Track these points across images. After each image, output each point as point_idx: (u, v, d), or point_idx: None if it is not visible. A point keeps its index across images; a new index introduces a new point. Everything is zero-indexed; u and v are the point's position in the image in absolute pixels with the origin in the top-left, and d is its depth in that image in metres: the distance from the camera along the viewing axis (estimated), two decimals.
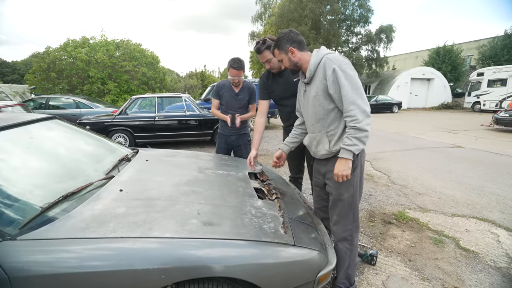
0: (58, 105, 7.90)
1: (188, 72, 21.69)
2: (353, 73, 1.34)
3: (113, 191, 1.39)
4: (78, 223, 1.10)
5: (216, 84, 2.70)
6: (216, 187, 1.63)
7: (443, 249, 2.18)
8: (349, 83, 1.31)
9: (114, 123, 5.66)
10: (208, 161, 2.22)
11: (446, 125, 9.92)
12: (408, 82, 19.49)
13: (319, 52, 1.44)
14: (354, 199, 1.49)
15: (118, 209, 1.23)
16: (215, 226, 1.20)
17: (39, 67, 12.02)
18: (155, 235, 1.08)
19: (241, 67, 2.44)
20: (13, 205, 1.15)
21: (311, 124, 1.54)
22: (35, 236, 1.02)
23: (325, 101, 1.42)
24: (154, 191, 1.46)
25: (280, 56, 1.49)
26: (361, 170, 1.50)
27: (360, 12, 19.57)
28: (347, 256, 1.54)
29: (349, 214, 1.51)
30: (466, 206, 3.01)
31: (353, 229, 1.53)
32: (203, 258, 1.06)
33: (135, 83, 13.10)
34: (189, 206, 1.34)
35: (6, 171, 1.32)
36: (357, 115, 1.30)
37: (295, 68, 1.50)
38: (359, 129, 1.31)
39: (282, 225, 1.30)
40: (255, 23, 24.93)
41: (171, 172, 1.81)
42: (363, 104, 1.32)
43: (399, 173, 4.20)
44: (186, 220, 1.21)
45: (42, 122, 1.85)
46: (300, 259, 1.20)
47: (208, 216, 1.26)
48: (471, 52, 23.96)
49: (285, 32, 1.48)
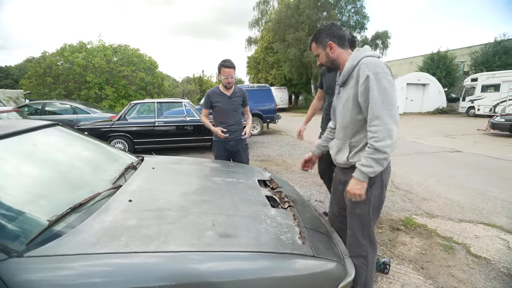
0: (55, 110, 7.78)
1: (185, 77, 21.68)
2: (388, 84, 1.19)
3: (122, 201, 1.33)
4: (88, 238, 1.04)
5: (206, 94, 2.66)
6: (226, 196, 1.58)
7: (454, 256, 2.15)
8: (380, 94, 1.17)
9: (112, 129, 5.58)
10: (215, 169, 2.17)
11: (443, 130, 10.01)
12: (403, 87, 19.72)
13: (359, 52, 1.29)
14: (367, 217, 1.36)
15: (129, 221, 1.17)
16: (232, 238, 1.14)
17: (35, 72, 11.90)
18: (171, 249, 1.02)
19: (233, 66, 2.46)
20: (18, 218, 1.08)
21: (337, 129, 1.48)
22: (43, 252, 0.96)
23: (353, 109, 1.31)
24: (164, 201, 1.41)
25: (318, 51, 1.36)
26: (382, 186, 1.35)
27: (356, 18, 19.92)
28: (363, 271, 1.44)
29: (363, 231, 1.40)
30: (472, 211, 2.99)
31: (368, 246, 1.42)
32: (220, 273, 1.01)
33: (133, 88, 13.04)
34: (202, 217, 1.28)
35: (9, 181, 1.26)
36: (378, 133, 1.17)
37: (332, 66, 1.38)
38: (377, 149, 1.18)
39: (299, 235, 1.26)
40: (252, 29, 25.16)
41: (179, 181, 1.75)
42: (390, 122, 1.17)
43: (402, 178, 4.19)
44: (201, 232, 1.15)
45: (44, 129, 1.79)
46: (319, 270, 1.15)
47: (223, 227, 1.21)
48: (464, 58, 24.42)
49: (326, 24, 1.35)
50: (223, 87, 2.55)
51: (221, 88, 2.58)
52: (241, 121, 2.70)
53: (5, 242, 0.95)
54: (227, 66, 2.42)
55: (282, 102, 19.53)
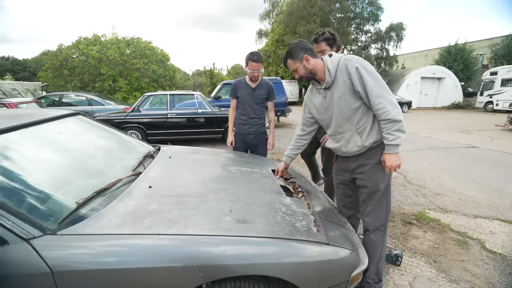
0: (71, 102, 8.02)
1: (195, 70, 21.75)
2: (373, 69, 1.39)
3: (142, 187, 1.39)
4: (114, 219, 1.10)
5: (232, 83, 2.68)
6: (243, 184, 1.62)
7: (468, 251, 2.13)
8: (372, 79, 1.35)
9: (127, 120, 5.71)
10: (230, 159, 2.21)
11: (458, 125, 9.72)
12: (418, 81, 19.16)
13: (332, 57, 1.46)
14: (388, 188, 1.52)
15: (151, 206, 1.22)
16: (249, 224, 1.18)
17: (52, 64, 12.22)
18: (192, 232, 1.07)
19: (260, 60, 2.43)
20: (50, 200, 1.15)
21: (338, 125, 1.53)
22: (74, 231, 1.02)
23: (351, 99, 1.43)
24: (183, 188, 1.46)
25: (295, 65, 1.49)
26: None
27: (370, 10, 19.33)
28: (378, 247, 1.54)
29: (383, 204, 1.53)
30: (488, 207, 2.93)
31: (386, 219, 1.55)
32: (239, 256, 1.05)
33: (146, 80, 13.21)
34: (220, 204, 1.33)
35: (39, 165, 1.33)
36: (387, 107, 1.34)
37: (310, 75, 1.49)
38: (394, 120, 1.34)
39: (314, 224, 1.29)
40: (263, 21, 24.86)
41: (196, 169, 1.80)
42: (390, 96, 1.36)
43: (415, 173, 4.13)
44: (219, 217, 1.20)
45: (67, 118, 1.87)
46: (334, 258, 1.18)
47: (240, 214, 1.25)
48: (483, 51, 23.42)
49: (295, 42, 1.50)
50: (249, 79, 2.54)
51: (247, 79, 2.55)
52: (264, 115, 2.66)
53: (40, 221, 1.02)
54: (254, 60, 2.39)
55: (292, 96, 19.34)
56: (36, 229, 0.99)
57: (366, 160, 1.48)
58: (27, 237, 0.96)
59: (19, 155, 1.30)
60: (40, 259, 0.93)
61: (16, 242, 0.94)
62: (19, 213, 1.01)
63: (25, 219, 0.99)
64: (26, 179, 1.20)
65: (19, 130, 1.41)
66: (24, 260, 0.93)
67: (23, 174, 1.22)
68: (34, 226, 0.99)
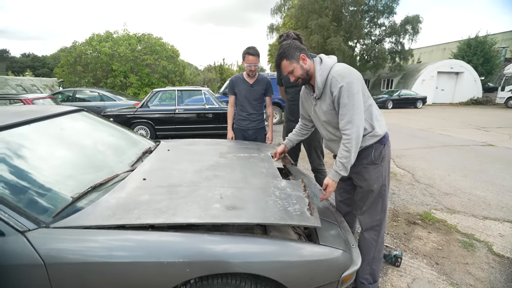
0: (84, 97, 8.26)
1: (206, 66, 21.83)
2: (357, 90, 1.31)
3: (137, 180, 1.42)
4: (104, 211, 1.13)
5: (230, 79, 2.69)
6: (238, 170, 1.63)
7: (474, 254, 2.06)
8: (350, 102, 1.30)
9: (136, 116, 5.83)
10: (229, 146, 2.22)
11: (475, 122, 9.32)
12: (434, 76, 18.46)
13: (322, 66, 1.38)
14: (383, 188, 1.49)
15: (142, 197, 1.24)
16: (239, 210, 1.17)
17: (67, 61, 12.58)
18: (179, 221, 1.07)
19: (257, 54, 2.42)
20: (47, 194, 1.19)
21: (328, 132, 1.52)
22: (66, 223, 1.05)
23: (336, 112, 1.40)
24: (177, 178, 1.47)
25: (291, 66, 1.40)
26: (388, 160, 1.50)
27: (384, 2, 18.66)
28: (372, 246, 1.52)
29: (378, 204, 1.50)
30: (500, 209, 2.81)
31: (381, 220, 1.52)
32: (225, 254, 1.06)
33: (156, 76, 13.39)
34: (212, 191, 1.33)
35: (39, 161, 1.38)
36: (352, 136, 1.31)
37: (307, 77, 1.43)
38: (349, 152, 1.33)
39: (308, 207, 1.25)
40: (274, 16, 24.47)
41: (193, 159, 1.82)
42: (359, 124, 1.31)
43: (424, 171, 4.00)
44: (209, 205, 1.20)
45: (71, 114, 1.92)
46: (324, 258, 1.16)
47: (231, 200, 1.25)
48: (507, 43, 22.25)
49: (288, 42, 1.43)
50: (247, 75, 2.55)
51: (244, 75, 2.56)
52: (262, 111, 2.68)
53: (35, 214, 1.06)
54: (251, 54, 2.39)
55: None
56: (31, 222, 1.03)
57: (358, 161, 1.46)
58: (22, 230, 1.00)
59: (21, 150, 1.36)
60: (33, 251, 0.97)
61: (11, 234, 0.99)
62: (16, 206, 1.05)
63: (21, 212, 1.04)
64: (25, 173, 1.25)
65: (22, 126, 1.46)
66: (19, 252, 0.98)
67: (22, 169, 1.27)
68: (29, 219, 1.03)
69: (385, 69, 20.24)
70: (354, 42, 19.87)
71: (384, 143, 1.43)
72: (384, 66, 19.54)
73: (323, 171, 2.37)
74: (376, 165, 1.43)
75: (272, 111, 2.74)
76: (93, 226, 1.05)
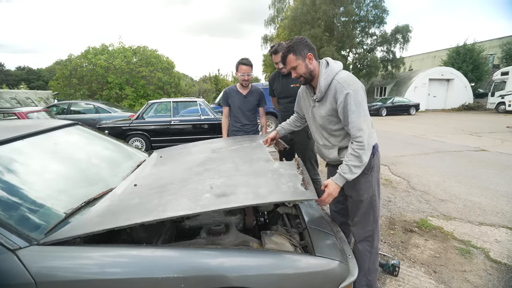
0: (79, 110, 8.22)
1: (201, 76, 22.03)
2: (363, 98, 1.31)
3: (127, 187, 1.43)
4: (94, 219, 1.11)
5: (223, 91, 2.73)
6: (229, 161, 1.64)
7: (471, 261, 2.06)
8: (357, 109, 1.29)
9: (131, 128, 5.81)
10: (221, 142, 2.25)
11: (468, 127, 9.48)
12: (426, 83, 18.87)
13: (328, 70, 1.37)
14: (374, 199, 1.48)
15: (132, 201, 1.24)
16: (229, 196, 1.17)
17: (62, 74, 12.61)
18: (169, 215, 1.05)
19: (250, 64, 2.48)
20: (39, 210, 1.18)
21: (321, 136, 1.53)
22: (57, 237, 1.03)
23: (336, 119, 1.41)
24: (167, 179, 1.48)
25: (296, 62, 1.37)
26: (377, 170, 1.50)
27: (375, 13, 19.23)
28: (366, 258, 1.50)
29: (369, 215, 1.49)
30: (495, 214, 2.83)
31: (374, 230, 1.50)
32: (221, 268, 1.04)
33: (151, 88, 13.45)
34: (202, 183, 1.32)
35: (32, 176, 1.37)
36: (364, 142, 1.29)
37: (309, 77, 1.41)
38: (360, 158, 1.29)
39: (302, 182, 1.24)
40: (268, 27, 25.03)
41: (184, 160, 1.83)
42: (369, 129, 1.31)
43: (420, 178, 4.03)
44: (199, 196, 1.19)
45: (65, 128, 1.91)
46: (320, 269, 1.15)
47: (221, 188, 1.25)
48: (494, 51, 22.91)
49: (300, 37, 1.40)
50: (240, 86, 2.59)
51: (238, 86, 2.61)
52: (256, 121, 2.71)
53: (27, 231, 1.04)
54: (244, 64, 2.44)
55: None
56: (23, 239, 1.01)
57: None
58: (13, 248, 0.98)
59: (14, 166, 1.34)
60: (24, 270, 0.95)
61: (2, 252, 0.97)
62: (7, 223, 1.03)
63: (13, 230, 1.02)
64: (18, 189, 1.23)
65: (16, 142, 1.45)
66: (9, 271, 0.95)
67: (15, 185, 1.25)
68: (21, 237, 1.01)
69: (378, 77, 20.65)
70: (347, 51, 20.30)
71: (374, 153, 1.44)
72: (376, 74, 19.94)
73: (318, 180, 2.38)
74: (366, 175, 1.43)
75: (266, 122, 2.77)
76: (82, 235, 1.03)
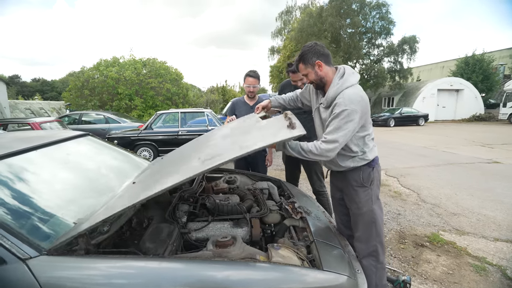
0: (90, 120, 8.45)
1: (209, 87, 22.42)
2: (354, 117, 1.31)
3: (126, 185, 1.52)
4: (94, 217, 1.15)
5: (231, 101, 2.78)
6: (220, 139, 1.70)
7: (487, 279, 1.97)
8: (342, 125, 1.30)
9: (140, 138, 5.91)
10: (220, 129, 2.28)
11: (479, 139, 9.27)
12: (434, 93, 18.68)
13: (341, 81, 1.37)
14: (374, 212, 1.45)
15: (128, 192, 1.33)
16: (216, 157, 1.22)
17: (75, 85, 13.05)
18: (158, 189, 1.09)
19: (257, 76, 2.54)
20: (49, 220, 1.20)
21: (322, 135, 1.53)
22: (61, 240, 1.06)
23: None
24: (163, 169, 1.56)
25: (306, 70, 1.41)
26: (377, 184, 1.49)
27: (381, 24, 19.36)
28: (372, 273, 1.46)
29: (371, 229, 1.46)
30: (511, 230, 2.73)
31: (378, 245, 1.46)
32: (227, 281, 1.03)
33: (160, 98, 13.74)
34: (192, 160, 1.38)
35: (44, 186, 1.40)
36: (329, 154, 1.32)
37: (320, 83, 1.43)
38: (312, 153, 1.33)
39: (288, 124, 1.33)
40: (275, 38, 25.52)
41: (183, 154, 1.85)
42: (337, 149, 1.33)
43: (430, 190, 3.94)
44: (188, 166, 1.26)
45: (77, 139, 1.97)
46: (328, 284, 1.13)
47: (209, 156, 1.29)
48: (504, 61, 22.63)
49: (310, 45, 1.41)
50: (247, 97, 2.64)
51: (245, 97, 2.66)
52: None
53: (37, 241, 1.06)
54: (250, 76, 2.51)
55: None
56: (33, 249, 1.02)
57: (347, 182, 1.47)
58: (23, 257, 0.99)
59: (27, 176, 1.38)
60: (34, 280, 0.96)
61: (13, 262, 0.98)
62: (19, 233, 1.05)
63: (24, 239, 1.04)
64: (29, 199, 1.26)
65: (30, 152, 1.50)
66: (20, 280, 0.97)
67: (27, 194, 1.28)
68: (32, 246, 1.03)
69: (385, 88, 20.56)
70: (354, 62, 20.38)
71: (373, 166, 1.44)
72: (384, 84, 19.87)
73: (325, 193, 2.35)
74: (365, 188, 1.43)
75: None
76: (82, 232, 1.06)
